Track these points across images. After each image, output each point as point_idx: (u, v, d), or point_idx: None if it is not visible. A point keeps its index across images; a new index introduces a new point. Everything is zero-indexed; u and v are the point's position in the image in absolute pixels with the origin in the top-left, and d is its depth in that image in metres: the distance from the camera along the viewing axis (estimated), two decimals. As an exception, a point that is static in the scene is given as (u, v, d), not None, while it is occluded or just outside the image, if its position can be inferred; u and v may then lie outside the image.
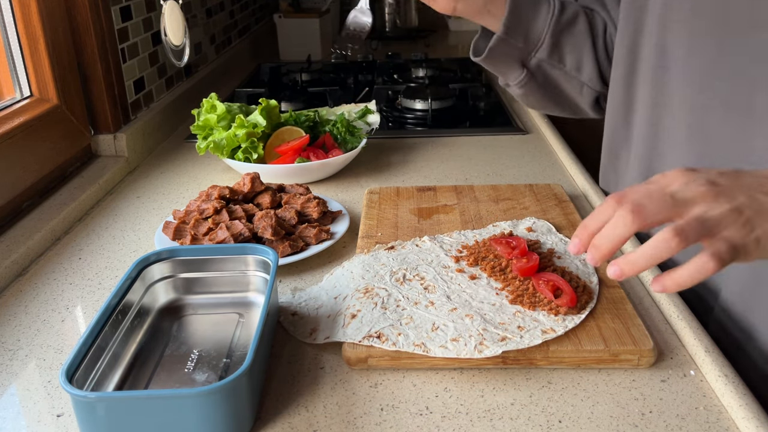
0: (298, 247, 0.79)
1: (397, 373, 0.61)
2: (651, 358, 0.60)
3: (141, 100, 1.26)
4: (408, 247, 0.79)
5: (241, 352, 0.63)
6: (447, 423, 0.55)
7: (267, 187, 0.89)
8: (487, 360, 0.59)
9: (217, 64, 1.71)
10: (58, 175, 1.02)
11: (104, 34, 1.10)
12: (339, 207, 0.90)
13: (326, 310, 0.68)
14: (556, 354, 0.60)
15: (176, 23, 1.25)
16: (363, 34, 1.02)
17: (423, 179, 1.06)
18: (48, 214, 0.91)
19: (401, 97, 1.42)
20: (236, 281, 0.71)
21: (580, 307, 0.65)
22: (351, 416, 0.56)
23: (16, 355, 0.65)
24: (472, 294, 0.68)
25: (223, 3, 1.83)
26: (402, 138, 1.26)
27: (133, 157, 1.15)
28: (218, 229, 0.79)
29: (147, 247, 0.87)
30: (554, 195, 0.93)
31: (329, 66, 1.81)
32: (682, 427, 0.54)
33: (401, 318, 0.64)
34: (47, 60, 1.00)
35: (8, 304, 0.74)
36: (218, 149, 1.03)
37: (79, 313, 0.73)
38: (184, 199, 1.01)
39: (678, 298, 0.69)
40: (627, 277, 0.52)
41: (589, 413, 0.55)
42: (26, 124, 0.96)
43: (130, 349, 0.63)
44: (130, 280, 0.65)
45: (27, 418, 0.57)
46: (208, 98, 1.07)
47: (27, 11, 0.97)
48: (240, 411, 0.53)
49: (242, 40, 2.02)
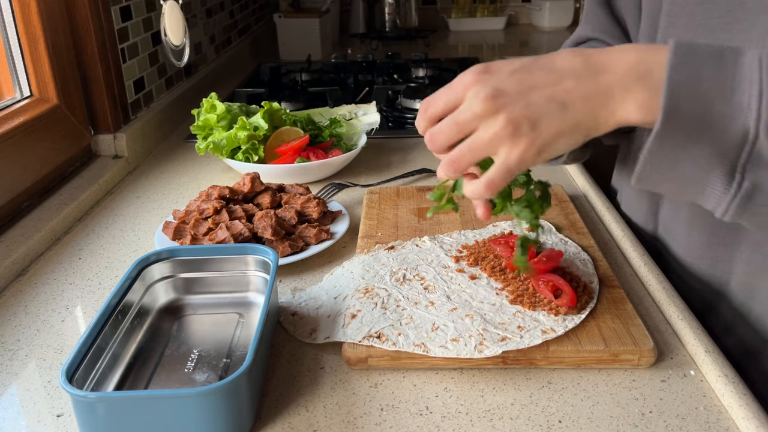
0: (298, 247, 0.79)
1: (397, 373, 0.61)
2: (651, 358, 0.60)
3: (141, 100, 1.26)
4: (408, 247, 0.79)
5: (241, 352, 0.63)
6: (447, 423, 0.55)
7: (267, 187, 0.89)
8: (487, 360, 0.59)
9: (217, 64, 1.71)
10: (58, 175, 1.02)
11: (104, 34, 1.10)
12: (339, 207, 0.90)
13: (326, 310, 0.68)
14: (556, 354, 0.60)
15: (176, 23, 1.25)
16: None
17: (423, 179, 1.06)
18: (48, 214, 0.91)
19: (401, 97, 1.42)
20: (236, 281, 0.71)
21: (580, 307, 0.65)
22: (351, 416, 0.56)
23: (16, 355, 0.65)
24: (472, 294, 0.68)
25: (223, 3, 1.83)
26: (402, 138, 1.26)
27: (133, 157, 1.15)
28: (218, 229, 0.79)
29: (147, 247, 0.87)
30: (554, 195, 0.93)
31: (329, 66, 1.81)
32: (682, 427, 0.54)
33: (401, 318, 0.64)
34: (47, 60, 1.00)
35: (8, 304, 0.74)
36: (218, 150, 1.03)
37: (79, 313, 0.73)
38: (184, 199, 1.01)
39: (679, 299, 0.69)
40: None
41: (589, 413, 0.55)
42: (26, 124, 0.96)
43: (130, 349, 0.63)
44: (130, 280, 0.65)
45: (27, 418, 0.57)
46: (208, 98, 1.07)
47: (27, 11, 0.97)
48: (240, 411, 0.53)
49: (242, 40, 2.02)
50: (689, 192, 0.50)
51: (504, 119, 0.50)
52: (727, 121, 0.46)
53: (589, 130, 0.51)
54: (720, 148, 0.47)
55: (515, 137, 0.50)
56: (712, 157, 0.47)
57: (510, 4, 2.56)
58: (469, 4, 2.52)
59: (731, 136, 0.46)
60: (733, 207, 0.48)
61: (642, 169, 0.50)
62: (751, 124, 0.45)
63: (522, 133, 0.50)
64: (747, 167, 0.47)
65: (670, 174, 0.50)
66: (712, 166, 0.47)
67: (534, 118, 0.50)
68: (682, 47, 0.48)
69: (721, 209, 0.49)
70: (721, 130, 0.46)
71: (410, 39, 2.30)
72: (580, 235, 0.81)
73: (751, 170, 0.46)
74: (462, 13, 2.50)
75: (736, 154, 0.46)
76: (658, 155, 0.49)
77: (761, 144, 0.45)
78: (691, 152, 0.47)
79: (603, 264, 0.74)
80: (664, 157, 0.49)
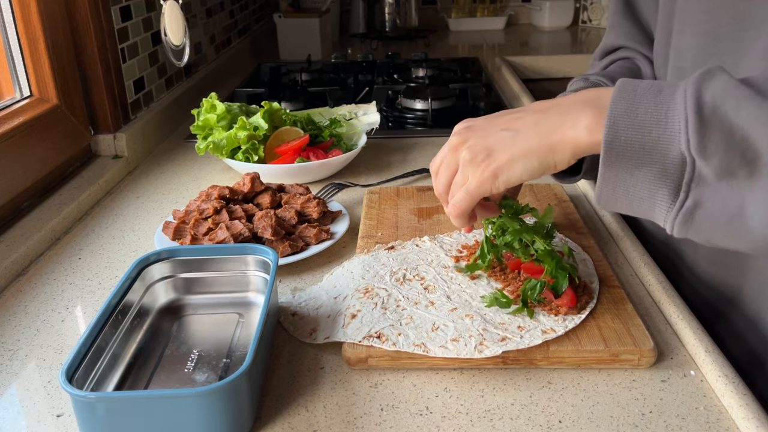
0: (298, 247, 0.79)
1: (397, 373, 0.61)
2: (651, 358, 0.60)
3: (141, 100, 1.26)
4: (408, 247, 0.79)
5: (241, 352, 0.63)
6: (447, 423, 0.55)
7: (267, 187, 0.89)
8: (487, 360, 0.59)
9: (217, 64, 1.71)
10: (58, 175, 1.02)
11: (104, 34, 1.10)
12: (339, 207, 0.90)
13: (326, 310, 0.68)
14: (556, 354, 0.60)
15: (176, 23, 1.25)
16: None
17: (423, 179, 1.06)
18: (48, 214, 0.91)
19: (401, 97, 1.42)
20: (236, 281, 0.71)
21: (580, 307, 0.65)
22: (351, 416, 0.56)
23: (16, 355, 0.65)
24: (472, 294, 0.68)
25: (223, 3, 1.83)
26: (402, 138, 1.26)
27: (133, 157, 1.15)
28: (218, 229, 0.79)
29: (147, 247, 0.87)
30: (554, 195, 0.93)
31: (329, 66, 1.81)
32: (682, 427, 0.54)
33: (401, 318, 0.64)
34: (47, 60, 1.00)
35: (8, 304, 0.74)
36: (218, 150, 1.03)
37: (79, 313, 0.73)
38: (184, 199, 1.01)
39: (679, 299, 0.69)
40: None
41: (589, 413, 0.55)
42: (26, 124, 0.96)
43: (130, 349, 0.63)
44: (130, 280, 0.65)
45: (27, 418, 0.57)
46: (208, 98, 1.07)
47: (27, 11, 0.97)
48: (240, 411, 0.53)
49: (242, 40, 2.02)
50: (642, 210, 0.54)
51: (466, 149, 0.60)
52: (665, 146, 0.50)
53: (545, 156, 0.57)
54: (663, 170, 0.51)
55: (474, 164, 0.59)
56: (657, 178, 0.51)
57: (510, 4, 2.56)
58: (469, 4, 2.52)
59: (671, 159, 0.50)
60: (677, 222, 0.52)
61: (599, 193, 0.55)
62: (683, 147, 0.49)
63: (479, 160, 0.59)
64: (692, 186, 0.50)
65: (622, 195, 0.54)
66: (658, 186, 0.52)
67: (489, 147, 0.58)
68: (625, 84, 0.53)
69: (668, 225, 0.53)
70: (662, 153, 0.51)
71: (410, 39, 2.30)
72: (580, 235, 0.81)
73: (695, 189, 0.50)
74: (462, 13, 2.50)
75: (678, 174, 0.51)
76: (610, 179, 0.54)
77: (699, 165, 0.49)
78: (638, 175, 0.52)
79: (603, 264, 0.74)
80: (615, 180, 0.53)
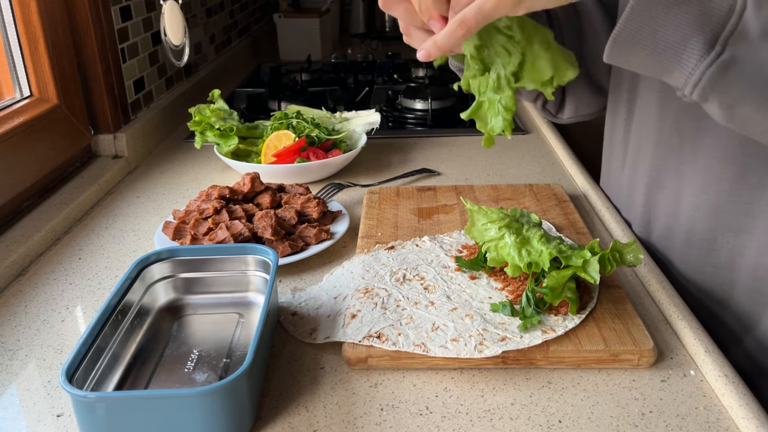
0: (298, 247, 0.79)
1: (397, 373, 0.61)
2: (651, 358, 0.60)
3: (141, 100, 1.26)
4: (408, 247, 0.79)
5: (241, 352, 0.63)
6: (447, 423, 0.55)
7: (267, 187, 0.89)
8: (487, 360, 0.59)
9: (217, 64, 1.71)
10: (58, 175, 1.02)
11: (104, 34, 1.10)
12: (339, 207, 0.90)
13: (326, 310, 0.68)
14: (556, 354, 0.60)
15: (176, 23, 1.25)
16: None
17: (423, 179, 1.06)
18: (48, 214, 0.91)
19: (401, 97, 1.42)
20: (236, 281, 0.71)
21: (580, 307, 0.65)
22: (351, 416, 0.56)
23: (16, 355, 0.65)
24: (472, 294, 0.68)
25: (223, 3, 1.83)
26: (402, 138, 1.26)
27: (133, 157, 1.15)
28: (218, 229, 0.79)
29: (147, 247, 0.87)
30: (554, 195, 0.93)
31: (329, 66, 1.81)
32: (682, 427, 0.54)
33: (401, 318, 0.64)
34: (47, 60, 1.00)
35: (8, 304, 0.74)
36: (216, 136, 1.06)
37: (79, 313, 0.73)
38: (184, 199, 1.01)
39: (679, 298, 0.69)
40: (434, 58, 0.54)
41: (589, 413, 0.55)
42: (26, 124, 0.96)
43: (130, 349, 0.63)
44: (130, 280, 0.65)
45: (27, 418, 0.57)
46: (210, 96, 1.08)
47: (27, 11, 0.97)
48: (240, 411, 0.53)
49: (242, 40, 2.02)
50: (665, 57, 0.47)
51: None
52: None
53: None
54: (705, 13, 0.44)
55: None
56: (695, 23, 0.45)
57: (510, 4, 2.56)
58: (469, 4, 2.52)
59: (718, 4, 0.44)
60: (706, 77, 0.46)
61: (620, 30, 0.48)
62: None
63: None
64: (729, 40, 0.44)
65: (647, 37, 0.47)
66: (693, 33, 0.45)
67: None
68: None
69: (692, 80, 0.46)
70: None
71: (410, 39, 2.29)
72: (580, 235, 0.81)
73: (733, 44, 0.44)
74: (462, 13, 2.50)
75: (720, 24, 0.44)
76: (639, 14, 0.46)
77: (748, 16, 0.43)
78: (674, 14, 0.45)
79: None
80: (645, 17, 0.46)
